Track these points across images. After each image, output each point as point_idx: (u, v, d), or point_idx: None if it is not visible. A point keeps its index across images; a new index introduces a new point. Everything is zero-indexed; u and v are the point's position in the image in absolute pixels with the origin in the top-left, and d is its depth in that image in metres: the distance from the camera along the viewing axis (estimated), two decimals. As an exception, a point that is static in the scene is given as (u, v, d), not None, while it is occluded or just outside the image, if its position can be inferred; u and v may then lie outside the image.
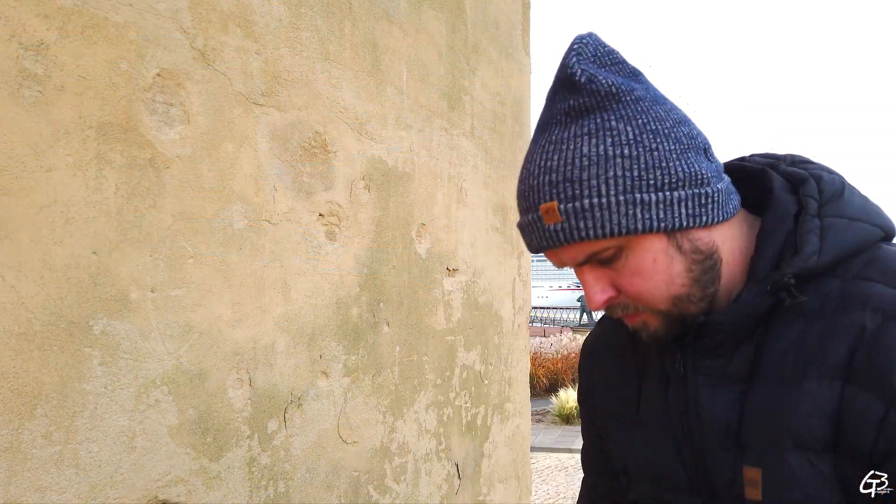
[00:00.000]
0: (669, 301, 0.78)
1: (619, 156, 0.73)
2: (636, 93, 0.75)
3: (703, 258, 0.77)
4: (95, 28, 1.08)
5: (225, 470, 1.31)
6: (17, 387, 0.97)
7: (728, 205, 0.78)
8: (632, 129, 0.73)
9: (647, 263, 0.76)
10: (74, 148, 1.05)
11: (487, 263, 2.41)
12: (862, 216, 0.77)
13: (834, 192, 0.78)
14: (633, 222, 0.73)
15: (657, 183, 0.73)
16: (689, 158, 0.74)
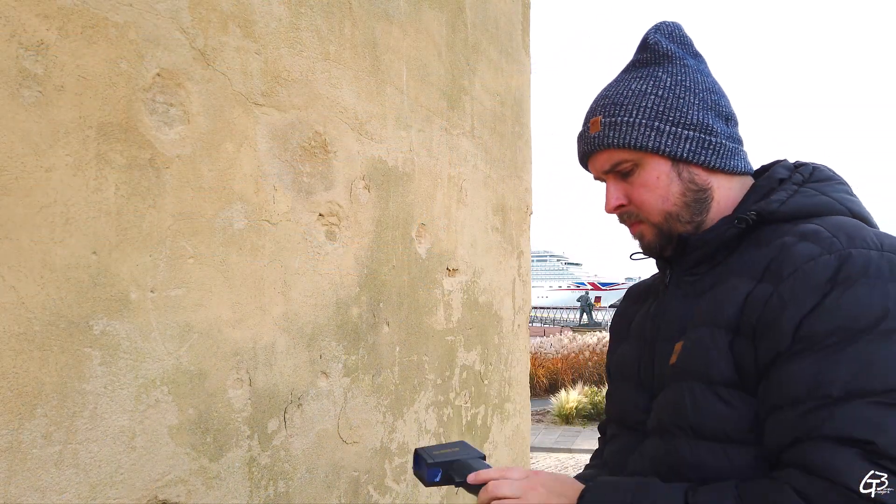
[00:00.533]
0: (663, 215, 0.99)
1: (652, 94, 0.97)
2: (686, 61, 1.00)
3: (696, 189, 0.98)
4: (95, 28, 1.08)
5: (225, 470, 1.31)
6: (17, 387, 0.97)
7: (728, 159, 0.98)
8: (671, 80, 0.98)
9: (651, 179, 0.98)
10: (74, 148, 1.05)
11: (487, 263, 2.41)
12: (835, 197, 0.93)
13: (821, 176, 0.97)
14: (647, 141, 0.96)
15: (674, 120, 0.96)
16: (706, 114, 0.97)
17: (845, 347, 0.78)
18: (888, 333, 0.77)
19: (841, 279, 0.80)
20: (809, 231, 0.87)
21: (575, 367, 11.52)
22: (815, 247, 0.84)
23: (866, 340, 0.77)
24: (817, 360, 0.79)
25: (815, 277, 0.81)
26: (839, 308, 0.79)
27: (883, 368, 0.76)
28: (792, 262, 0.85)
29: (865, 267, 0.80)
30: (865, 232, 0.86)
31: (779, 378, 0.82)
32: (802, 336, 0.80)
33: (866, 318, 0.78)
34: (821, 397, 0.77)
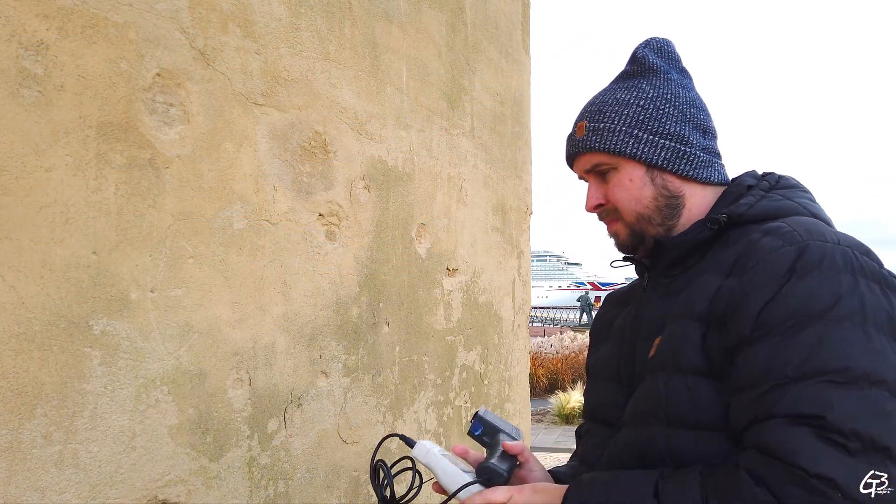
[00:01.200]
0: (635, 215, 1.06)
1: (634, 104, 1.05)
2: (671, 76, 1.08)
3: (668, 195, 1.05)
4: (95, 28, 1.08)
5: (225, 470, 1.31)
6: (17, 387, 0.97)
7: (701, 169, 1.06)
8: (653, 92, 1.06)
9: (625, 181, 1.06)
10: (74, 148, 1.05)
11: (487, 263, 2.41)
12: (798, 202, 1.01)
13: (787, 184, 1.05)
14: (625, 147, 1.04)
15: (652, 129, 1.04)
16: (684, 126, 1.05)
17: (799, 331, 0.83)
18: (839, 319, 0.82)
19: (799, 268, 0.86)
20: (772, 227, 0.93)
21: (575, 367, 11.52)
22: (777, 240, 0.90)
23: (819, 325, 0.82)
24: (774, 344, 0.84)
25: (776, 267, 0.87)
26: (795, 295, 0.85)
27: (833, 350, 0.81)
28: (755, 254, 0.91)
29: (821, 258, 0.86)
30: (824, 228, 0.92)
31: (740, 363, 0.87)
32: (762, 322, 0.86)
33: (819, 304, 0.83)
34: (775, 379, 0.82)
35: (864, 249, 0.90)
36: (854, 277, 0.85)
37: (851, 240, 0.91)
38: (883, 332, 0.83)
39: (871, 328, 0.82)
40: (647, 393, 0.98)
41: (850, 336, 0.82)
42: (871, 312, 0.83)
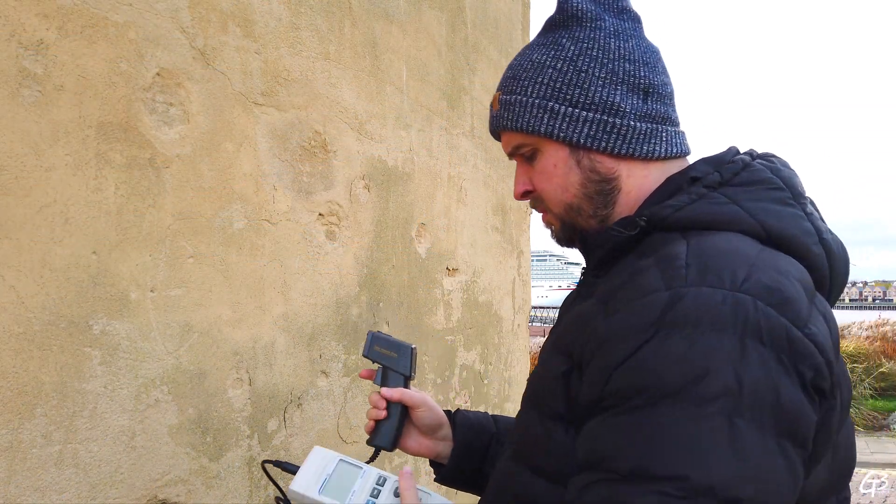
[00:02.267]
0: (563, 206, 0.87)
1: (551, 67, 0.83)
2: (601, 23, 0.83)
3: (598, 179, 0.84)
4: (95, 27, 1.08)
5: (225, 470, 1.31)
6: (17, 386, 0.97)
7: (639, 143, 0.83)
8: (574, 48, 0.83)
9: (549, 166, 0.86)
10: (74, 148, 1.05)
11: (487, 263, 2.41)
12: (748, 207, 0.77)
13: (749, 178, 0.79)
14: (539, 125, 0.83)
15: (572, 99, 0.82)
16: (614, 90, 0.82)
17: (645, 414, 0.63)
18: (699, 402, 0.61)
19: (667, 323, 0.65)
20: (668, 256, 0.72)
21: (575, 366, 11.51)
22: (659, 279, 0.69)
23: (670, 408, 0.62)
24: (617, 424, 0.65)
25: (641, 318, 0.67)
26: (652, 361, 0.64)
27: (677, 449, 0.61)
28: (627, 294, 0.71)
29: (698, 312, 0.64)
30: (735, 263, 0.68)
31: (583, 433, 0.71)
32: (610, 389, 0.67)
33: (677, 378, 0.62)
34: (606, 471, 0.65)
35: (778, 299, 0.65)
36: (740, 342, 0.62)
37: (766, 282, 0.66)
38: (760, 424, 0.61)
39: (740, 420, 0.60)
40: (517, 427, 0.87)
41: (706, 430, 0.60)
42: (750, 396, 0.61)
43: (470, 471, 1.07)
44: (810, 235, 0.77)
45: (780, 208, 0.77)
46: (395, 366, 1.06)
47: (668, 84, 0.86)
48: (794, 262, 0.74)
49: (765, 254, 0.71)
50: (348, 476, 0.93)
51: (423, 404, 1.06)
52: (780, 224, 0.76)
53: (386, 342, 1.09)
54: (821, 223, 0.80)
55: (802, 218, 0.78)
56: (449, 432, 1.08)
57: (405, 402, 1.05)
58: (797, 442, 0.63)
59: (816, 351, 0.65)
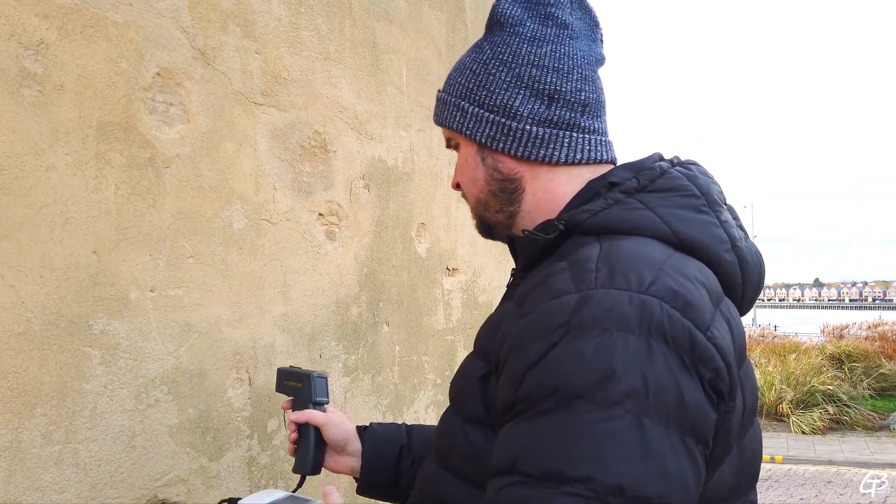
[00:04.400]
0: (474, 200, 0.92)
1: (469, 69, 0.89)
2: (520, 28, 0.87)
3: (501, 178, 0.88)
4: (95, 27, 1.08)
5: (225, 469, 1.31)
6: (17, 386, 0.97)
7: (536, 147, 0.86)
8: (490, 52, 0.88)
9: (462, 161, 0.92)
10: (74, 147, 1.05)
11: (487, 263, 2.42)
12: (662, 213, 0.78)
13: (665, 185, 0.81)
14: (453, 121, 0.90)
15: (480, 100, 0.87)
16: (515, 94, 0.85)
17: (555, 415, 0.64)
18: (607, 403, 0.62)
19: (574, 325, 0.66)
20: (580, 259, 0.73)
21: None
22: (569, 281, 0.70)
23: (577, 409, 0.63)
24: (529, 427, 0.66)
25: (550, 320, 0.68)
26: (560, 363, 0.65)
27: (584, 449, 0.61)
28: (539, 296, 0.72)
29: (605, 313, 0.65)
30: (643, 266, 0.70)
31: (499, 439, 0.70)
32: (523, 395, 0.67)
33: (585, 379, 0.63)
34: (522, 473, 0.65)
35: (682, 302, 0.67)
36: (646, 342, 0.64)
37: (671, 286, 0.68)
38: (665, 423, 0.62)
39: (647, 420, 0.62)
40: (439, 428, 0.88)
41: (613, 430, 0.61)
42: (655, 396, 0.62)
43: (385, 482, 1.09)
44: (722, 243, 0.79)
45: (692, 215, 0.79)
46: (301, 395, 1.12)
47: (585, 91, 0.86)
48: (703, 267, 0.76)
49: (674, 259, 0.73)
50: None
51: (327, 423, 1.09)
52: (690, 230, 0.77)
53: (292, 375, 1.15)
54: (736, 231, 0.82)
55: (716, 225, 0.79)
56: (358, 447, 1.10)
57: (311, 423, 1.09)
58: (699, 439, 0.65)
59: (717, 354, 0.67)
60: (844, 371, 11.14)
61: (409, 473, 1.08)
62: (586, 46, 0.89)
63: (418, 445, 1.11)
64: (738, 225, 0.85)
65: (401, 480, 1.09)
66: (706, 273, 0.75)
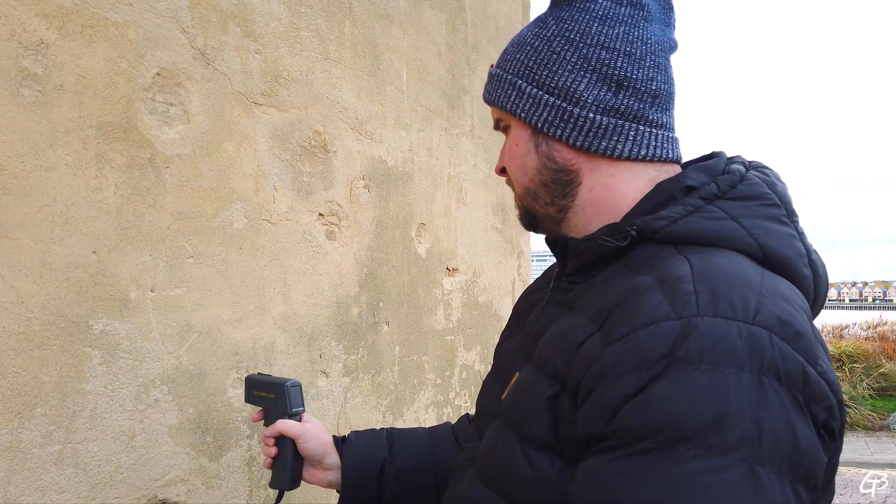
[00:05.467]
0: (522, 188, 0.84)
1: (530, 45, 0.81)
2: (591, 5, 0.78)
3: (555, 168, 0.80)
4: (95, 27, 1.08)
5: (225, 469, 1.31)
6: (17, 386, 0.97)
7: (598, 138, 0.77)
8: (556, 29, 0.79)
9: (513, 145, 0.84)
10: (74, 147, 1.05)
11: (487, 263, 2.41)
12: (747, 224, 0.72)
13: (746, 192, 0.74)
14: (507, 101, 0.82)
15: (539, 80, 0.79)
16: (581, 78, 0.77)
17: (658, 458, 0.58)
18: (720, 449, 0.56)
19: (679, 359, 0.59)
20: (672, 277, 0.66)
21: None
22: (665, 304, 0.63)
23: (686, 453, 0.57)
24: (624, 467, 0.60)
25: (649, 350, 0.61)
26: (666, 400, 0.58)
27: (697, 499, 0.56)
28: (629, 319, 0.64)
29: (713, 346, 0.59)
30: (745, 290, 0.63)
31: (580, 471, 0.64)
32: (617, 428, 0.61)
33: (694, 421, 0.57)
34: None
35: (791, 333, 0.61)
36: (758, 381, 0.58)
37: (777, 314, 0.61)
38: (779, 471, 0.57)
39: (762, 469, 0.56)
40: (488, 446, 0.78)
41: (727, 481, 0.56)
42: (770, 442, 0.56)
43: (367, 497, 1.04)
44: (802, 257, 0.73)
45: (776, 227, 0.73)
46: (275, 406, 1.06)
47: (657, 81, 0.78)
48: (792, 287, 0.70)
49: (767, 279, 0.67)
50: None
51: (304, 435, 1.03)
52: (776, 245, 0.71)
53: (262, 384, 1.08)
54: (809, 243, 0.76)
55: (795, 237, 0.74)
56: (336, 460, 1.05)
57: (286, 435, 1.03)
58: (810, 486, 0.60)
59: (829, 391, 0.61)
60: (844, 371, 11.14)
61: (392, 485, 1.04)
62: (660, 31, 0.81)
63: (402, 456, 1.06)
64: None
65: (384, 493, 1.05)
66: (798, 294, 0.69)
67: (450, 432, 1.10)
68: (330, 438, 1.07)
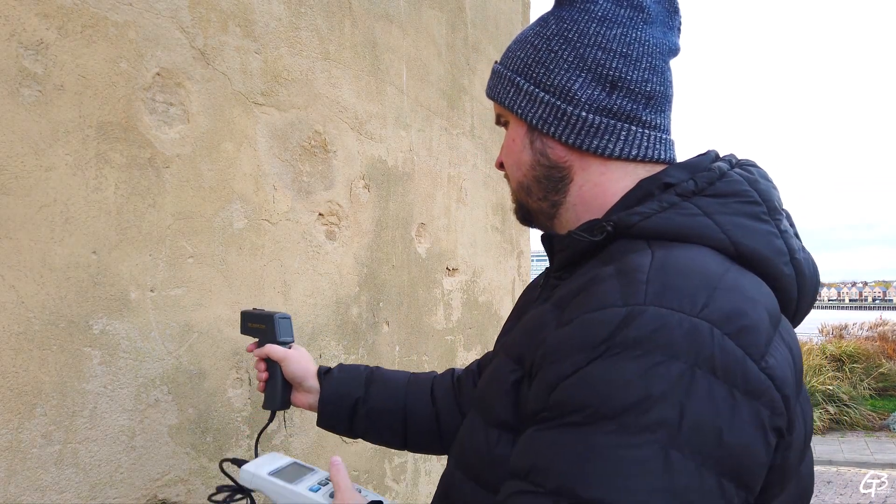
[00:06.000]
0: (516, 183, 0.87)
1: (530, 43, 0.83)
2: (592, 6, 0.80)
3: (548, 165, 0.83)
4: (95, 27, 1.08)
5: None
6: (17, 386, 0.97)
7: (590, 137, 0.79)
8: (556, 28, 0.81)
9: (510, 141, 0.86)
10: (74, 147, 1.05)
11: (487, 263, 2.41)
12: (720, 220, 0.73)
13: (724, 189, 0.75)
14: (505, 97, 0.84)
15: (536, 78, 0.81)
16: (575, 76, 0.79)
17: (580, 432, 0.61)
18: (637, 430, 0.58)
19: (617, 342, 0.61)
20: (629, 268, 0.68)
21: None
22: (617, 292, 0.65)
23: (605, 430, 0.59)
24: (552, 438, 0.63)
25: (591, 333, 0.63)
26: (596, 380, 0.61)
27: (606, 473, 0.58)
28: (583, 304, 0.67)
29: (652, 334, 0.61)
30: (698, 284, 0.64)
31: (520, 442, 0.68)
32: (553, 403, 0.64)
33: (618, 401, 0.59)
34: (535, 483, 0.63)
35: (737, 327, 0.62)
36: (690, 370, 0.59)
37: (726, 309, 0.63)
38: (700, 460, 0.58)
39: (677, 453, 0.57)
40: (461, 432, 0.85)
41: (637, 458, 0.58)
42: (690, 430, 0.58)
43: (340, 426, 1.17)
44: (782, 255, 0.73)
45: (753, 224, 0.73)
46: (265, 335, 1.16)
47: (652, 83, 0.79)
48: (761, 283, 0.71)
49: (731, 274, 0.68)
50: (299, 471, 1.02)
51: (286, 358, 1.14)
52: (751, 242, 0.72)
53: (255, 317, 1.18)
54: (794, 241, 0.77)
55: (776, 235, 0.74)
56: (316, 385, 1.15)
57: (272, 358, 1.14)
58: (741, 483, 0.60)
59: (773, 386, 0.62)
60: (844, 371, 11.14)
61: (363, 422, 1.15)
62: (661, 34, 0.82)
63: (376, 398, 1.15)
64: (795, 233, 0.79)
65: (356, 427, 1.16)
66: (764, 290, 0.70)
67: (428, 384, 1.17)
68: (313, 366, 1.17)
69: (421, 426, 1.15)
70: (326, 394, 1.14)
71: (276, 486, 0.97)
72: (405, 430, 1.15)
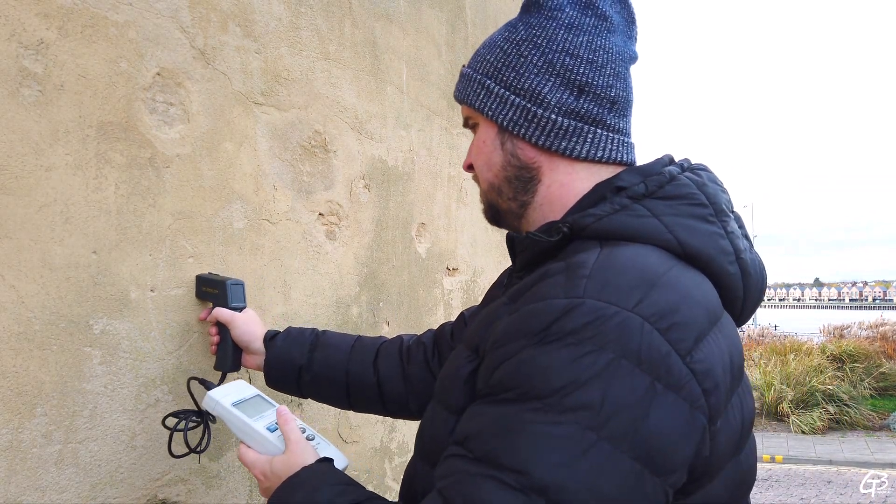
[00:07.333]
0: (487, 184, 0.90)
1: (499, 47, 0.86)
2: (559, 14, 0.84)
3: (518, 165, 0.86)
4: (95, 27, 1.08)
5: (225, 469, 1.31)
6: (17, 386, 0.97)
7: (559, 139, 0.83)
8: (525, 33, 0.85)
9: (480, 142, 0.89)
10: (74, 147, 1.05)
11: (487, 263, 2.41)
12: (667, 222, 0.77)
13: (672, 192, 0.79)
14: (475, 99, 0.88)
15: (506, 81, 0.85)
16: (544, 80, 0.83)
17: (510, 407, 0.67)
18: (560, 410, 0.63)
19: (553, 331, 0.66)
20: (577, 263, 0.72)
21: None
22: (559, 286, 0.70)
23: (531, 408, 0.65)
24: (487, 412, 0.69)
25: (533, 322, 0.69)
26: (532, 364, 0.67)
27: (525, 446, 0.64)
28: (531, 296, 0.73)
29: (586, 325, 0.65)
30: (636, 280, 0.69)
31: (465, 413, 0.74)
32: (493, 382, 0.70)
33: (547, 384, 0.65)
34: (467, 449, 0.69)
35: (668, 323, 0.66)
36: (616, 361, 0.64)
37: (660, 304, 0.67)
38: (616, 444, 0.62)
39: (594, 435, 0.62)
40: (421, 421, 0.88)
41: (556, 434, 0.63)
42: (610, 415, 0.62)
43: (289, 389, 1.24)
44: (727, 254, 0.77)
45: (698, 225, 0.77)
46: (217, 301, 1.21)
47: (616, 88, 0.84)
48: (703, 281, 0.75)
49: (672, 272, 0.72)
50: (260, 406, 1.06)
51: (232, 321, 1.20)
52: (696, 241, 0.76)
53: (209, 282, 1.22)
54: (741, 241, 0.80)
55: (721, 236, 0.78)
56: (261, 347, 1.22)
57: (220, 321, 1.20)
58: (655, 469, 0.64)
59: (694, 381, 0.66)
60: (845, 371, 11.14)
61: (309, 387, 1.22)
62: (622, 42, 0.87)
63: (319, 364, 1.20)
64: (744, 234, 0.83)
65: (303, 390, 1.23)
66: (704, 288, 0.74)
67: (373, 352, 1.23)
68: (260, 329, 1.23)
69: (363, 393, 1.21)
70: (271, 358, 1.21)
71: (235, 417, 1.02)
72: (348, 395, 1.22)
